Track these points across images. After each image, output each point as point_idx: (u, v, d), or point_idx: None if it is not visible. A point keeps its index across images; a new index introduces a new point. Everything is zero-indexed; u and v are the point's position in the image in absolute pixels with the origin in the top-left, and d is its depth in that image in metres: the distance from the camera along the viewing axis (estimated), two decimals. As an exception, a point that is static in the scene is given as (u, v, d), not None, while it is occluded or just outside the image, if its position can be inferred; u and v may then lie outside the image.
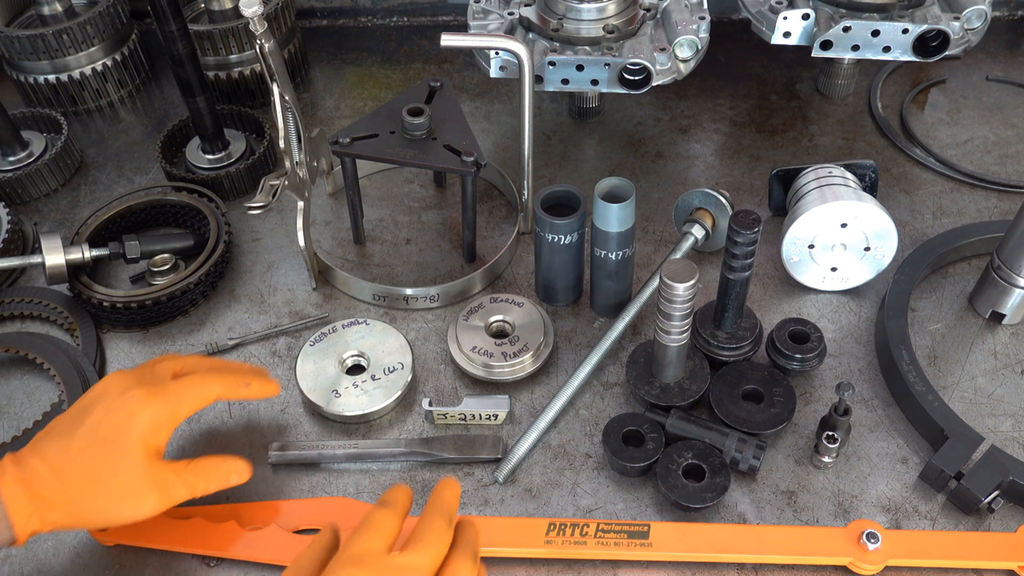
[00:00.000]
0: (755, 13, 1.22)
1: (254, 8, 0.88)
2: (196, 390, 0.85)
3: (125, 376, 0.84)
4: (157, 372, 0.86)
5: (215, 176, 1.23)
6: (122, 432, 0.80)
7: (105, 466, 0.79)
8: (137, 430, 0.80)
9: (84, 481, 0.78)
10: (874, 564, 0.84)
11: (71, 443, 0.79)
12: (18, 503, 0.76)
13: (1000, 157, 1.27)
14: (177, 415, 0.84)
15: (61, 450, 0.79)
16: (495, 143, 1.33)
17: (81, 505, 0.79)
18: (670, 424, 0.93)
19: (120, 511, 0.80)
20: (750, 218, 0.89)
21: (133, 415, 0.80)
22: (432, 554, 0.72)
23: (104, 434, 0.79)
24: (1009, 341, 1.04)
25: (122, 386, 0.82)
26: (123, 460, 0.79)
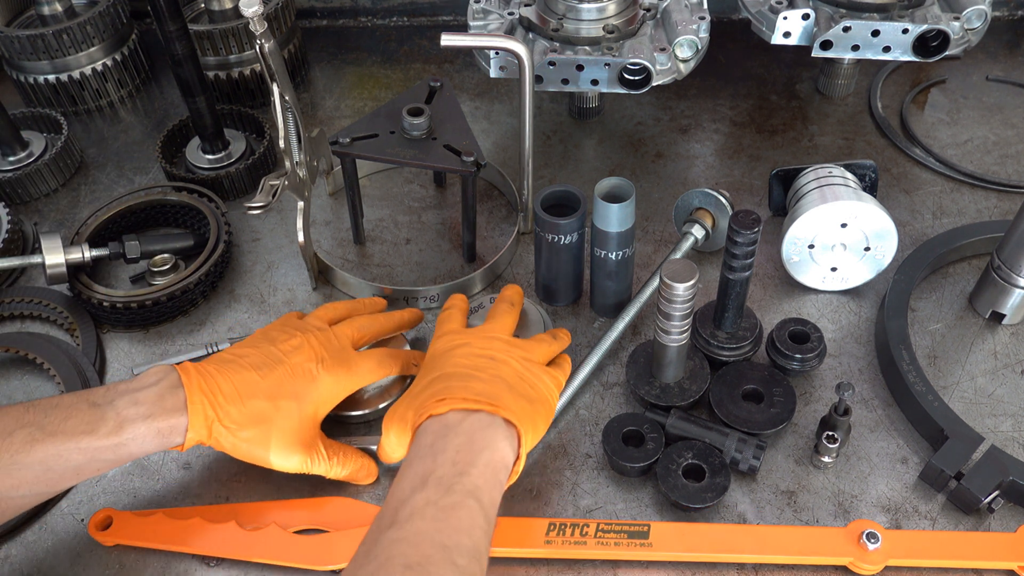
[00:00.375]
0: (755, 13, 1.22)
1: (254, 8, 0.88)
2: (375, 371, 0.93)
3: (315, 340, 0.90)
4: (341, 340, 0.93)
5: (215, 176, 1.23)
6: (304, 392, 0.87)
7: (280, 415, 0.85)
8: (316, 395, 0.88)
9: (259, 417, 0.84)
10: (874, 564, 0.84)
11: (261, 382, 0.85)
12: (198, 416, 0.82)
13: (1000, 157, 1.27)
14: (353, 389, 0.92)
15: (251, 383, 0.85)
16: (495, 143, 1.33)
17: (247, 435, 0.84)
18: (670, 424, 0.93)
19: (272, 456, 0.86)
20: (750, 218, 0.89)
21: (318, 381, 0.88)
22: (504, 323, 0.92)
23: (290, 388, 0.86)
24: (1009, 341, 1.04)
25: (314, 350, 0.89)
26: (296, 417, 0.86)
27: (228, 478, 0.95)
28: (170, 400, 0.81)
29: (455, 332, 0.91)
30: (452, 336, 0.90)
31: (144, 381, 0.83)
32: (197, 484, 0.94)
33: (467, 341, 0.88)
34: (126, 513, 0.90)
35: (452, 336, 0.90)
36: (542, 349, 0.91)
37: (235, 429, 0.84)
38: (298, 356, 0.88)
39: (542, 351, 0.91)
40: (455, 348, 0.88)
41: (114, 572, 0.88)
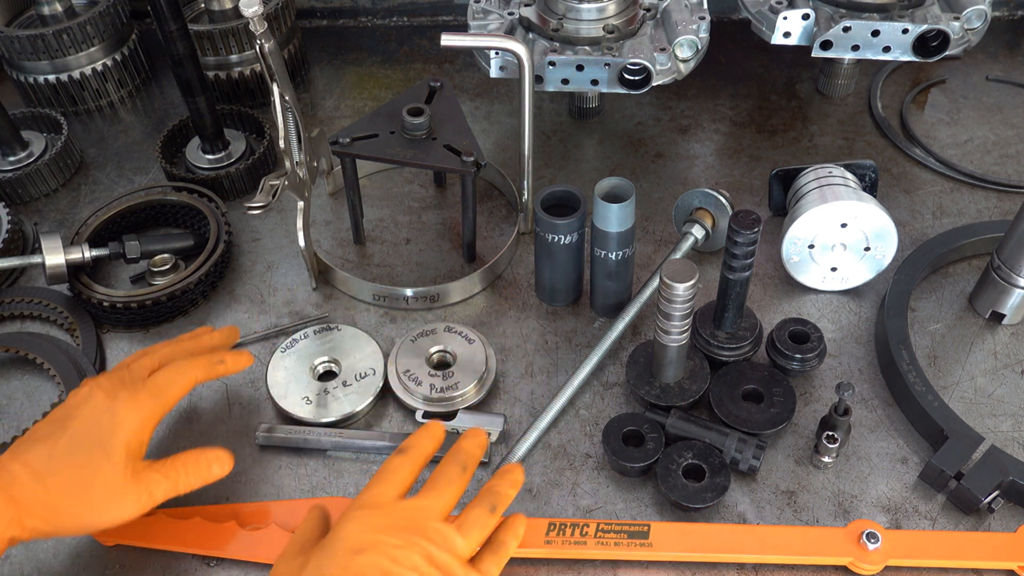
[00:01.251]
0: (755, 13, 1.22)
1: (254, 8, 0.88)
2: (175, 381, 0.86)
3: (104, 381, 0.84)
4: (134, 372, 0.86)
5: (215, 176, 1.23)
6: (107, 436, 0.80)
7: (88, 471, 0.78)
8: (122, 433, 0.80)
9: (67, 486, 0.78)
10: (874, 564, 0.84)
11: (54, 448, 0.78)
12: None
13: (1000, 157, 1.27)
14: (162, 410, 0.84)
15: (44, 455, 0.78)
16: (495, 143, 1.33)
17: (63, 511, 0.78)
18: (670, 424, 0.93)
19: (102, 515, 0.80)
20: (750, 218, 0.89)
21: (117, 418, 0.80)
22: (444, 499, 0.78)
23: (88, 439, 0.79)
24: (1009, 341, 1.04)
25: (104, 391, 0.82)
26: (107, 465, 0.79)
27: (228, 478, 0.94)
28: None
29: (377, 511, 0.76)
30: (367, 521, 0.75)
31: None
32: (197, 484, 0.94)
33: (380, 539, 0.73)
34: (126, 513, 0.90)
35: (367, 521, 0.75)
36: (473, 538, 0.77)
37: (48, 515, 0.77)
38: (88, 405, 0.81)
39: (473, 544, 0.77)
40: (360, 551, 0.72)
41: (114, 572, 0.88)
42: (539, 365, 1.04)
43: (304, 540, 0.77)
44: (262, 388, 1.02)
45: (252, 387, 1.03)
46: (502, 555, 0.80)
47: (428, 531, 0.75)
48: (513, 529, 0.82)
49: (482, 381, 0.99)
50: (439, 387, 0.98)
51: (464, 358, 1.01)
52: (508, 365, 1.04)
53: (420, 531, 0.75)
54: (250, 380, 1.04)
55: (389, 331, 1.08)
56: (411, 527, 0.75)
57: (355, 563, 0.72)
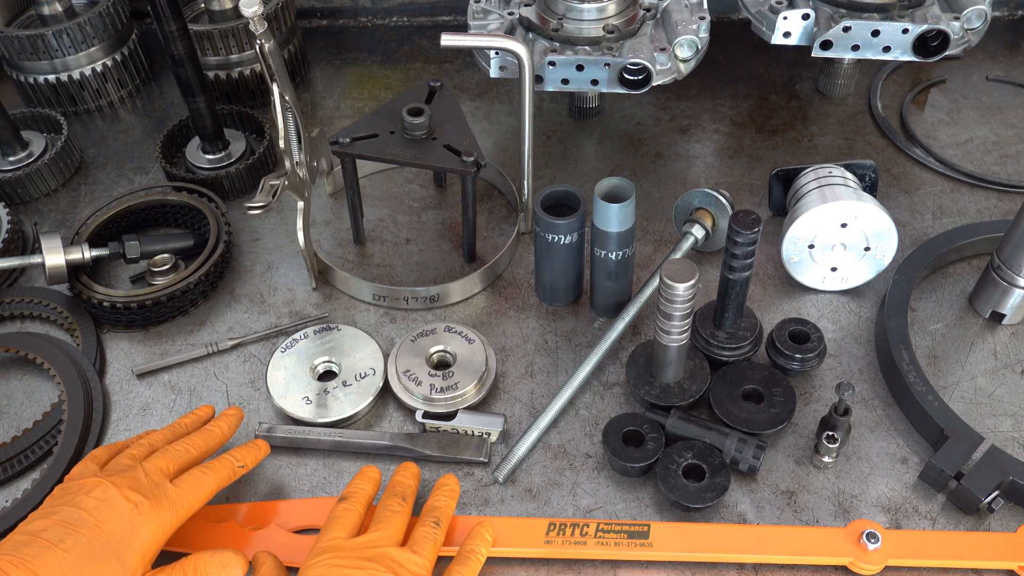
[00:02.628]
0: (755, 13, 1.22)
1: (254, 8, 0.88)
2: (197, 494, 0.83)
3: (122, 483, 0.79)
4: (152, 477, 0.81)
5: (215, 176, 1.23)
6: (125, 549, 0.75)
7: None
8: (139, 543, 0.77)
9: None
10: (874, 564, 0.84)
11: (65, 558, 0.73)
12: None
13: (1000, 157, 1.27)
14: (179, 523, 0.82)
15: (52, 566, 0.72)
16: (495, 143, 1.33)
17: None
18: (670, 424, 0.93)
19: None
20: (750, 218, 0.89)
21: (135, 528, 0.77)
22: (391, 529, 0.82)
23: (105, 550, 0.75)
24: (1009, 341, 1.04)
25: (123, 497, 0.78)
26: (120, 575, 0.75)
27: (228, 478, 0.95)
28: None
29: (333, 553, 0.79)
30: (327, 563, 0.78)
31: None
32: (197, 484, 0.94)
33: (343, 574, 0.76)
34: (126, 513, 0.90)
35: (327, 563, 0.78)
36: (427, 552, 0.81)
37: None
38: (106, 511, 0.76)
39: (428, 557, 0.81)
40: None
41: (114, 572, 0.88)
42: (539, 365, 1.04)
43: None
44: (262, 388, 1.02)
45: (252, 387, 1.03)
46: (472, 564, 0.83)
47: (384, 558, 0.79)
48: (479, 537, 0.85)
49: (482, 381, 0.99)
50: (439, 387, 0.98)
51: (464, 358, 1.01)
52: (508, 365, 1.04)
53: (377, 559, 0.79)
54: (250, 380, 1.04)
55: (389, 331, 1.08)
56: (368, 557, 0.79)
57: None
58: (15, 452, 0.96)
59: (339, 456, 0.97)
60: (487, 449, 0.95)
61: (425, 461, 0.95)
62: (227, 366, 1.06)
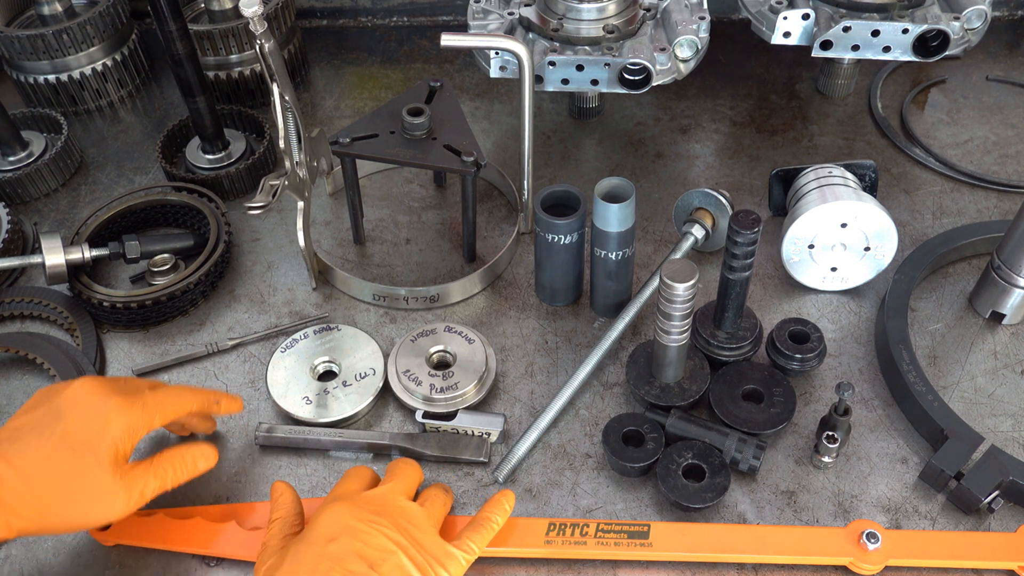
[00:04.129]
0: (755, 13, 1.22)
1: (254, 8, 0.88)
2: (172, 401, 0.86)
3: (100, 383, 0.83)
4: (131, 383, 0.86)
5: (215, 176, 1.23)
6: (96, 438, 0.79)
7: (76, 471, 0.78)
8: (111, 436, 0.80)
9: (54, 486, 0.77)
10: (874, 564, 0.84)
11: (42, 448, 0.78)
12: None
13: (1000, 157, 1.27)
14: (151, 424, 0.84)
15: (31, 455, 0.77)
16: (495, 143, 1.33)
17: (49, 510, 0.77)
18: (670, 424, 0.93)
19: (91, 516, 0.80)
20: (750, 218, 0.89)
21: (109, 421, 0.80)
22: (404, 483, 0.86)
23: (77, 439, 0.79)
24: (1009, 341, 1.04)
25: (98, 393, 0.82)
26: (95, 465, 0.79)
27: (228, 478, 0.95)
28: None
29: (345, 502, 0.82)
30: (337, 511, 0.80)
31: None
32: (197, 484, 0.94)
33: (351, 525, 0.79)
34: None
35: (337, 511, 0.80)
36: (436, 511, 0.84)
37: (35, 516, 0.76)
38: (81, 403, 0.80)
39: (436, 512, 0.84)
40: (334, 538, 0.77)
41: (114, 572, 0.88)
42: (539, 365, 1.04)
43: (283, 532, 0.83)
44: (262, 388, 1.02)
45: (252, 387, 1.03)
46: (486, 531, 0.84)
47: (393, 510, 0.82)
48: (498, 504, 0.86)
49: (482, 381, 0.99)
50: (439, 387, 0.98)
51: (464, 358, 1.01)
52: (508, 365, 1.04)
53: (385, 511, 0.81)
54: (250, 380, 1.04)
55: (389, 331, 1.08)
56: (377, 509, 0.81)
57: (329, 549, 0.77)
58: (15, 452, 0.96)
59: (339, 456, 0.97)
60: (487, 449, 0.95)
61: (425, 461, 0.95)
62: (227, 366, 1.06)
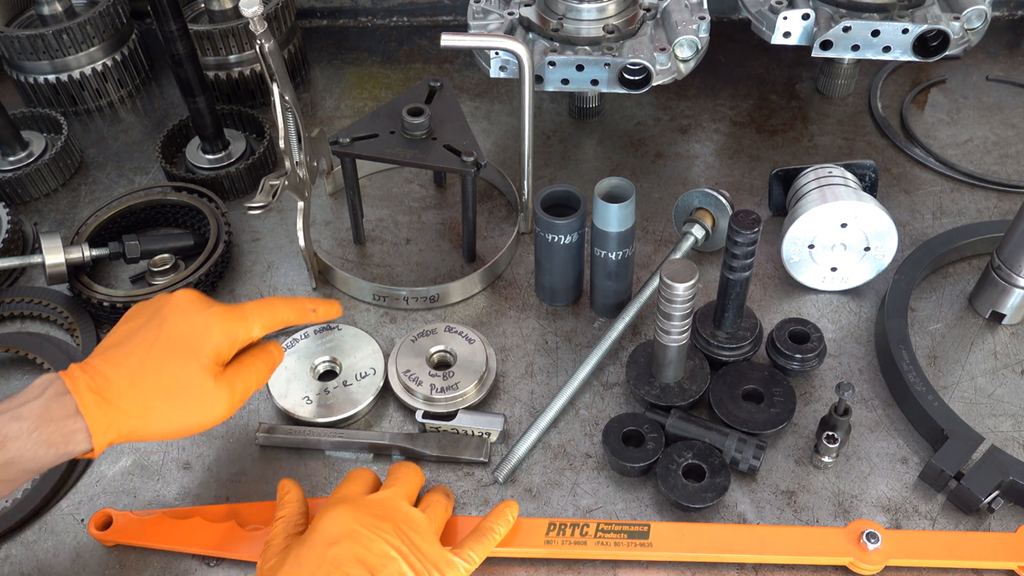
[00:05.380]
0: (755, 13, 1.22)
1: (254, 8, 0.88)
2: (269, 311, 0.89)
3: (200, 294, 0.87)
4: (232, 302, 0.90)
5: (215, 176, 1.23)
6: (199, 342, 0.82)
7: (180, 374, 0.81)
8: (213, 340, 0.83)
9: (160, 389, 0.80)
10: (874, 564, 0.84)
11: (148, 351, 0.81)
12: (95, 414, 0.77)
13: (1000, 157, 1.27)
14: (250, 332, 0.87)
15: (137, 357, 0.81)
16: (495, 143, 1.33)
17: (155, 411, 0.80)
18: (670, 424, 0.93)
19: (194, 417, 0.83)
20: (750, 218, 0.89)
21: (210, 327, 0.84)
22: (406, 487, 0.86)
23: (181, 343, 0.82)
24: (1009, 341, 1.04)
25: (200, 301, 0.86)
26: (199, 368, 0.82)
27: (228, 478, 0.95)
28: (58, 409, 0.76)
29: (348, 505, 0.81)
30: (340, 515, 0.80)
31: (27, 395, 0.77)
32: (197, 484, 0.95)
33: (353, 529, 0.78)
34: (126, 513, 0.90)
35: (340, 515, 0.80)
36: (438, 517, 0.85)
37: (143, 416, 0.79)
38: (183, 309, 0.84)
39: (438, 518, 0.85)
40: (336, 541, 0.78)
41: (114, 572, 0.88)
42: (539, 365, 1.04)
43: (286, 532, 0.83)
44: (262, 388, 1.02)
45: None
46: (488, 541, 0.83)
47: (395, 514, 0.81)
48: (502, 515, 0.86)
49: (483, 381, 0.99)
50: (439, 387, 0.98)
51: (465, 358, 1.01)
52: (508, 365, 1.04)
53: (388, 516, 0.81)
54: (250, 380, 1.04)
55: (389, 331, 1.08)
56: (380, 514, 0.81)
57: (331, 553, 0.77)
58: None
59: (339, 456, 0.97)
60: (487, 449, 0.95)
61: (425, 461, 0.95)
62: (227, 366, 1.06)
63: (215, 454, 0.97)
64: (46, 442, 0.75)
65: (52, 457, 0.76)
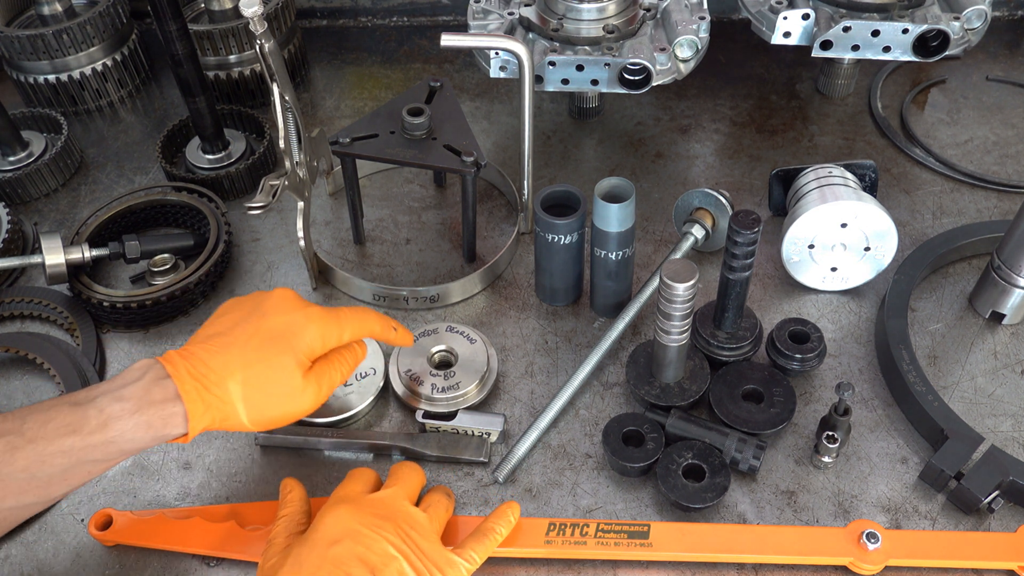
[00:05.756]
0: (755, 13, 1.22)
1: (254, 8, 0.88)
2: (360, 319, 0.92)
3: (297, 295, 0.90)
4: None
5: (215, 176, 1.23)
6: (297, 337, 0.85)
7: (276, 367, 0.84)
8: (309, 337, 0.86)
9: (256, 379, 0.83)
10: (874, 564, 0.84)
11: (247, 343, 0.84)
12: (194, 399, 0.79)
13: (1000, 157, 1.27)
14: (341, 335, 0.89)
15: (237, 349, 0.83)
16: (495, 143, 1.33)
17: (250, 402, 0.83)
18: (670, 424, 0.93)
19: (283, 408, 0.85)
20: (750, 218, 0.89)
21: (308, 324, 0.86)
22: (407, 487, 0.86)
23: (279, 339, 0.85)
24: (1009, 341, 1.04)
25: (299, 300, 0.89)
26: (293, 362, 0.85)
27: (228, 478, 0.95)
28: (158, 392, 0.79)
29: (349, 504, 0.82)
30: (341, 514, 0.80)
31: (127, 377, 0.80)
32: (197, 484, 0.95)
33: (354, 528, 0.79)
34: (126, 513, 0.90)
35: (341, 514, 0.80)
36: (439, 517, 0.85)
37: (238, 406, 0.82)
38: (284, 305, 0.87)
39: (440, 518, 0.85)
40: (337, 541, 0.78)
41: (114, 572, 0.88)
42: (539, 365, 1.04)
43: (288, 531, 0.83)
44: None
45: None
46: (489, 541, 0.84)
47: (396, 514, 0.82)
48: (503, 515, 0.86)
49: (484, 381, 0.99)
50: (440, 387, 0.98)
51: (466, 358, 1.01)
52: (508, 365, 1.04)
53: (389, 516, 0.81)
54: (250, 380, 1.04)
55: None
56: (381, 513, 0.81)
57: (332, 553, 0.77)
58: (15, 452, 0.96)
59: (339, 456, 0.97)
60: (487, 449, 0.95)
61: (425, 461, 0.95)
62: (227, 366, 1.06)
63: (215, 454, 0.97)
64: (146, 423, 0.78)
65: (149, 439, 0.79)
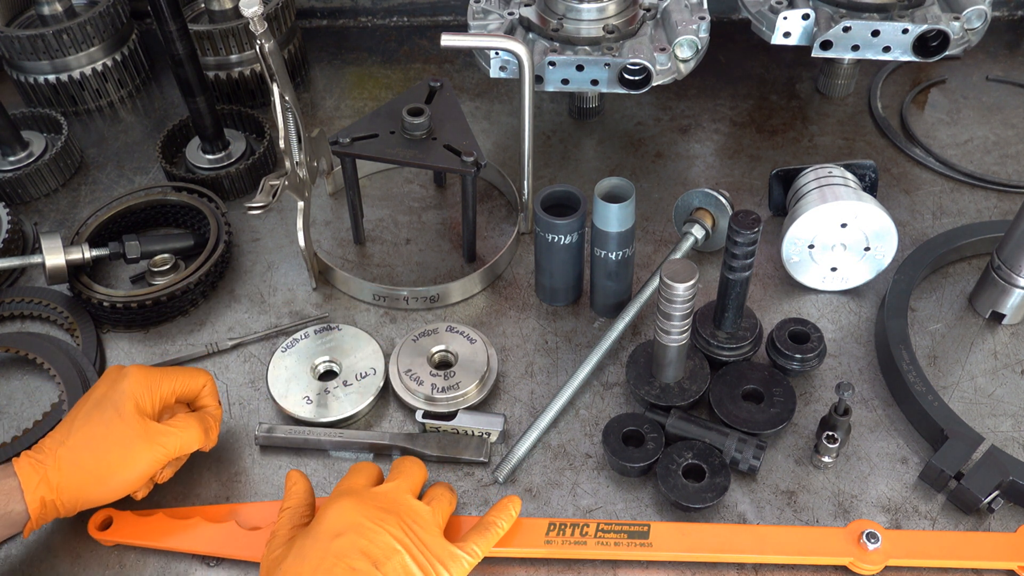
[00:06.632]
0: (755, 13, 1.22)
1: (254, 8, 0.88)
2: (184, 377, 0.92)
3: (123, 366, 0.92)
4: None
5: (215, 176, 1.23)
6: (116, 392, 0.87)
7: (99, 423, 0.86)
8: (128, 389, 0.87)
9: (84, 439, 0.85)
10: (874, 564, 0.84)
11: (76, 414, 0.87)
12: (27, 470, 0.82)
13: (1000, 157, 1.27)
14: (171, 389, 0.91)
15: (67, 420, 0.87)
16: (495, 143, 1.33)
17: (84, 466, 0.84)
18: (670, 424, 0.93)
19: (121, 470, 0.85)
20: (750, 218, 0.89)
21: (125, 376, 0.88)
22: (410, 480, 0.86)
23: (104, 400, 0.87)
24: (1009, 341, 1.04)
25: (125, 367, 0.91)
26: (119, 420, 0.86)
27: (228, 478, 0.95)
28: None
29: (352, 497, 0.82)
30: (344, 507, 0.80)
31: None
32: (197, 484, 0.95)
33: (357, 521, 0.79)
34: (126, 513, 0.90)
35: (344, 507, 0.80)
36: (442, 510, 0.85)
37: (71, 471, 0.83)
38: (108, 372, 0.91)
39: (442, 512, 0.85)
40: (340, 533, 0.78)
41: (114, 572, 0.88)
42: (539, 365, 1.04)
43: (292, 523, 0.84)
44: (262, 388, 1.02)
45: (252, 387, 1.03)
46: (491, 535, 0.84)
47: (399, 507, 0.82)
48: (505, 509, 0.86)
49: (484, 381, 0.99)
50: (440, 387, 0.98)
51: (466, 358, 1.01)
52: (508, 365, 1.04)
53: (392, 509, 0.81)
54: (250, 380, 1.04)
55: (389, 331, 1.08)
56: (384, 507, 0.81)
57: (335, 545, 0.77)
58: (15, 452, 0.96)
59: (339, 456, 0.97)
60: (487, 449, 0.95)
61: (425, 461, 0.95)
62: (227, 366, 1.06)
63: (215, 454, 0.97)
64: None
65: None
